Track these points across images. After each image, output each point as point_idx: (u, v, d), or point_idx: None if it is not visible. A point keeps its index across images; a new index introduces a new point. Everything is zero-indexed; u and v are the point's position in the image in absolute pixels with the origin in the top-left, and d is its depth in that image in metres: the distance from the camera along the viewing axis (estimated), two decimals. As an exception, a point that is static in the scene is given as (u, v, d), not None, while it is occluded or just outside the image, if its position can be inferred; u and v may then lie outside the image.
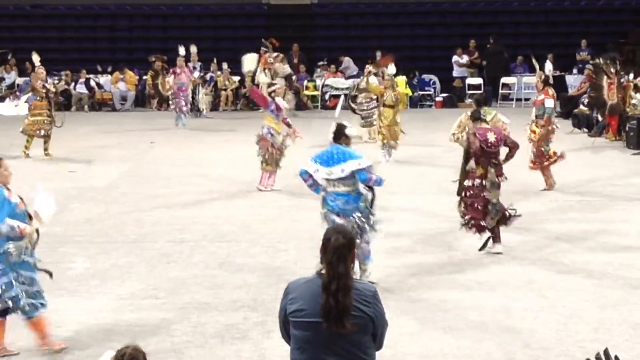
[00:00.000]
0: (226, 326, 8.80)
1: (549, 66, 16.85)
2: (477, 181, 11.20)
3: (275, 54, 24.38)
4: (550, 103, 15.10)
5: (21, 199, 8.14)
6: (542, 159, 15.00)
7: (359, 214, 9.72)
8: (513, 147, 11.50)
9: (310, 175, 9.77)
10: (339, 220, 9.51)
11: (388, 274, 10.39)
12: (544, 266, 10.78)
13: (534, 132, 15.02)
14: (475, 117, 11.48)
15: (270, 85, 17.01)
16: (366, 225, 9.75)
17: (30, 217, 8.13)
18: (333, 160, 9.68)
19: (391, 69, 19.02)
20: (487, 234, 11.31)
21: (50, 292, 9.87)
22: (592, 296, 9.61)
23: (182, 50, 25.16)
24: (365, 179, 9.67)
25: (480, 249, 11.27)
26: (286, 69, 26.03)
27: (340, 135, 9.83)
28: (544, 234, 12.21)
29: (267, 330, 8.55)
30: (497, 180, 11.21)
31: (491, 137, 11.18)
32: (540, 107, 15.03)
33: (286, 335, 5.07)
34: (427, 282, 10.23)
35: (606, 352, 4.06)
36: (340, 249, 4.86)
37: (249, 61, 18.08)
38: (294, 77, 26.01)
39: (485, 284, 10.06)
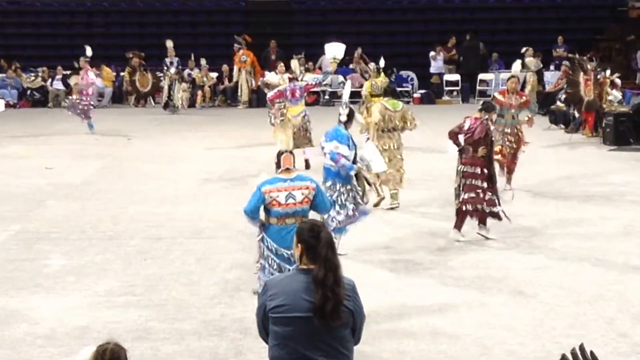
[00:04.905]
0: (203, 323, 8.78)
1: (517, 66, 16.90)
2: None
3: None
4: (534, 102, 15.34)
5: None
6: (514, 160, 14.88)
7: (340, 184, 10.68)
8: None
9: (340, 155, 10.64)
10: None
11: (364, 270, 10.40)
12: (520, 262, 10.82)
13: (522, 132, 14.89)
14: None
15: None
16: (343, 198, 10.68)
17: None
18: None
19: (381, 63, 19.29)
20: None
21: (25, 289, 9.89)
22: (567, 292, 9.65)
23: (88, 51, 22.92)
24: (333, 158, 10.56)
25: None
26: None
27: (352, 119, 10.95)
28: (520, 230, 12.24)
29: (244, 327, 8.54)
30: (459, 167, 11.76)
31: (467, 124, 11.69)
32: (525, 109, 15.00)
33: (264, 332, 5.08)
34: (404, 278, 10.26)
35: (581, 347, 4.08)
36: (331, 241, 4.93)
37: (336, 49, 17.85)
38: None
39: (461, 280, 10.08)
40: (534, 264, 10.69)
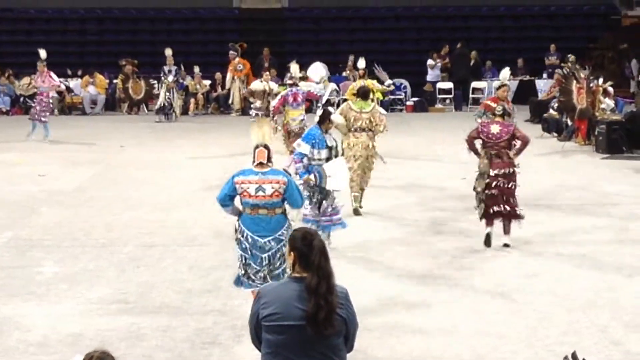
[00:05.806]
0: (196, 330, 8.78)
1: (505, 74, 16.94)
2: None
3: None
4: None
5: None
6: None
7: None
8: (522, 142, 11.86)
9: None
10: None
11: (357, 277, 10.39)
12: (512, 269, 10.82)
13: None
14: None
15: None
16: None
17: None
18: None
19: (361, 63, 19.14)
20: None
21: (18, 296, 9.87)
22: (560, 299, 9.66)
23: (43, 54, 23.10)
24: (294, 159, 11.34)
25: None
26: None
27: (324, 119, 11.26)
28: (512, 237, 12.23)
29: (237, 334, 8.54)
30: (487, 170, 11.65)
31: (495, 129, 11.64)
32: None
33: (257, 340, 5.07)
34: (396, 284, 10.25)
35: (574, 355, 4.08)
36: (324, 249, 4.91)
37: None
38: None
39: (455, 288, 10.09)
40: (527, 272, 10.70)
